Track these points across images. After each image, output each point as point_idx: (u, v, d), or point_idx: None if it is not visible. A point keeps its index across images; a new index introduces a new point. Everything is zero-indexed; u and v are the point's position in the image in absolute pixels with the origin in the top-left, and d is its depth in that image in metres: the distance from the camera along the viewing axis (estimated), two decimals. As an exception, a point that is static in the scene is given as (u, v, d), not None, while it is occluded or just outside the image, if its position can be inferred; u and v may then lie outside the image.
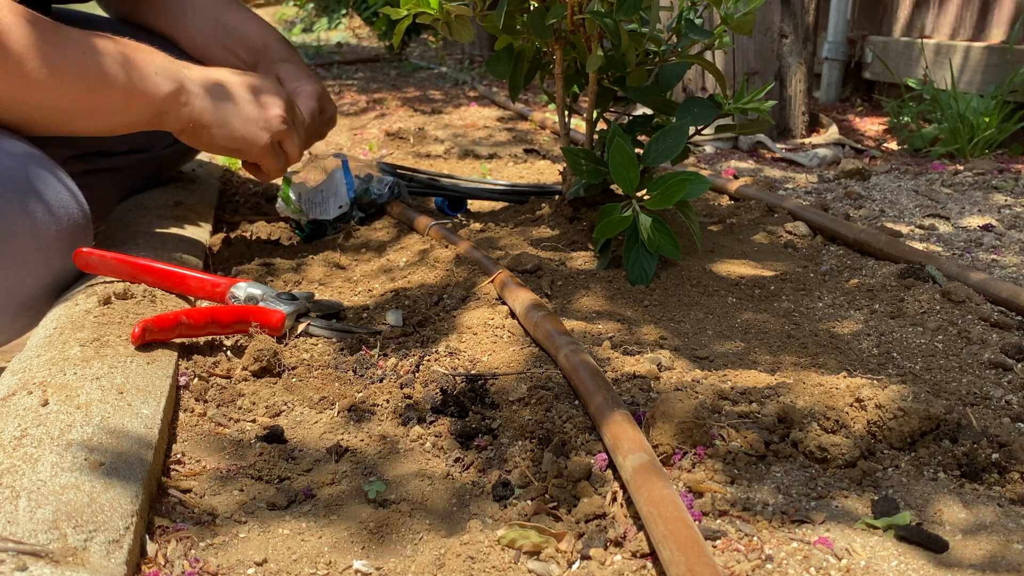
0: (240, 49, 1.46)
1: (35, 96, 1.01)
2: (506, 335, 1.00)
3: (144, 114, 1.11)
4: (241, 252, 1.36)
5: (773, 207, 1.53)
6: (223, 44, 1.47)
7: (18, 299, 0.99)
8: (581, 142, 1.41)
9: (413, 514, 0.71)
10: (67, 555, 0.56)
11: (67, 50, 1.02)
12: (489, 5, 1.21)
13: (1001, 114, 2.19)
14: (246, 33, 1.46)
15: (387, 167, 1.66)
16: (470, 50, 5.07)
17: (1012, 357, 0.97)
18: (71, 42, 1.03)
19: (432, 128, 2.54)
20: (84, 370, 0.79)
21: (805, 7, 2.34)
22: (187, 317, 0.91)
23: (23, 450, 0.66)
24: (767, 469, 0.75)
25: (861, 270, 1.26)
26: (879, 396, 0.80)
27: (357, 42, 6.09)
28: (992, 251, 1.41)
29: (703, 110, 1.26)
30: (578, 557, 0.65)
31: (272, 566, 0.65)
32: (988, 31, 2.49)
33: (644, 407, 0.83)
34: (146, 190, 1.49)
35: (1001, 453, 0.76)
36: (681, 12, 1.28)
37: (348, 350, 0.99)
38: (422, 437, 0.82)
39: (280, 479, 0.76)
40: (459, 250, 1.24)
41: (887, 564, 0.63)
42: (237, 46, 1.46)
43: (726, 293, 1.16)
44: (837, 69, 2.99)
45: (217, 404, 0.88)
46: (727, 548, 0.64)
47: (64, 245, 1.01)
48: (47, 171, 1.02)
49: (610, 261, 1.21)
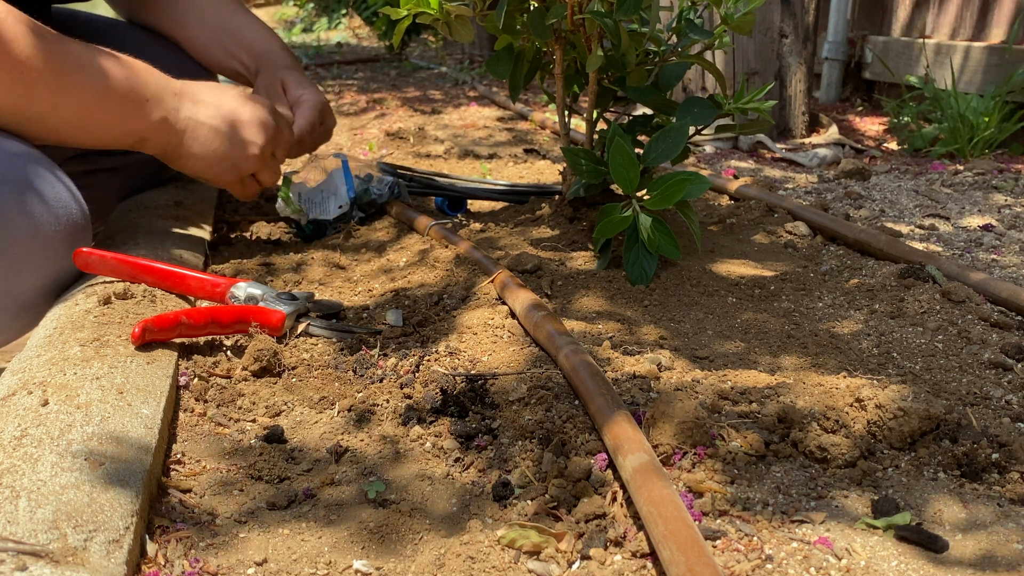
0: (243, 54, 1.46)
1: (32, 108, 1.01)
2: (506, 335, 1.00)
3: (129, 139, 1.13)
4: (241, 252, 1.36)
5: (773, 207, 1.53)
6: (225, 48, 1.47)
7: (17, 300, 0.99)
8: (581, 142, 1.42)
9: (413, 514, 0.71)
10: (67, 555, 0.56)
11: (70, 66, 1.02)
12: (489, 5, 1.21)
13: (1001, 114, 2.19)
14: (250, 39, 1.47)
15: (387, 167, 1.66)
16: (470, 50, 5.07)
17: (1012, 357, 0.97)
18: (74, 57, 1.03)
19: (432, 128, 2.54)
20: (84, 370, 0.79)
21: (805, 7, 2.34)
22: (187, 317, 0.91)
23: (23, 450, 0.66)
24: (767, 469, 0.75)
25: (861, 270, 1.26)
26: (879, 396, 0.80)
27: (357, 42, 6.09)
28: (992, 251, 1.41)
29: (703, 110, 1.26)
30: (578, 557, 0.65)
31: (272, 566, 0.65)
32: (988, 31, 2.49)
33: (644, 407, 0.83)
34: (146, 190, 1.49)
35: (1001, 453, 0.76)
36: (681, 12, 1.28)
37: (348, 350, 0.99)
38: (422, 437, 0.82)
39: (280, 479, 0.76)
40: (459, 250, 1.24)
41: (887, 564, 0.63)
42: (240, 51, 1.46)
43: (726, 293, 1.17)
44: (837, 69, 2.99)
45: (217, 404, 0.88)
46: (727, 548, 0.64)
47: (63, 245, 1.01)
48: (46, 171, 1.02)
49: (610, 261, 1.22)
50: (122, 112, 1.09)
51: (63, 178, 1.05)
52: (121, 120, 1.09)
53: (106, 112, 1.07)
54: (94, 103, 1.05)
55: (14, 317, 1.00)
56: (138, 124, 1.11)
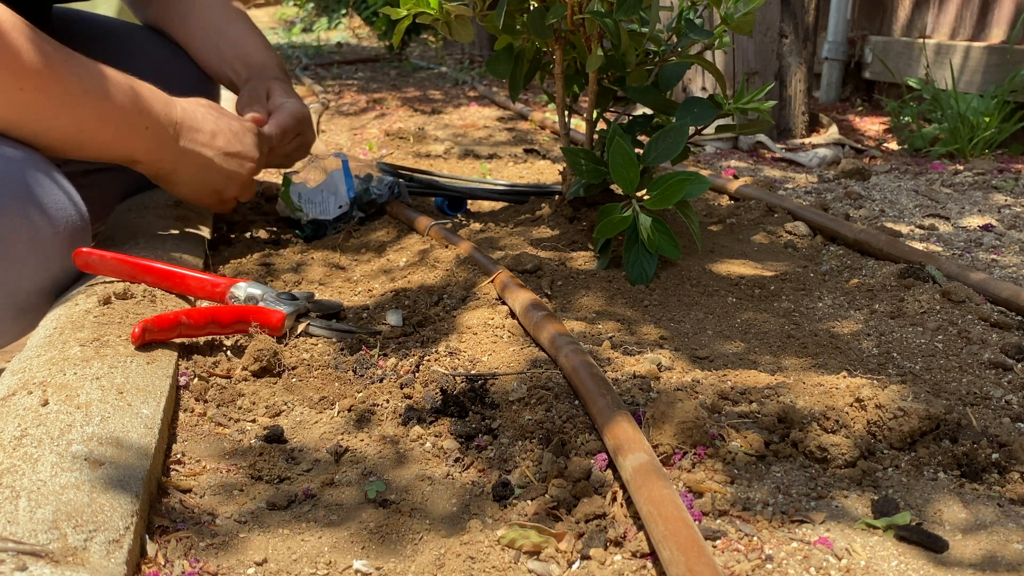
0: (237, 63, 1.48)
1: (29, 125, 1.02)
2: (506, 335, 1.00)
3: (123, 159, 1.15)
4: (241, 252, 1.36)
5: (773, 207, 1.53)
6: (221, 55, 1.48)
7: (16, 302, 0.99)
8: (581, 142, 1.42)
9: (413, 514, 0.71)
10: (67, 555, 0.56)
11: (72, 85, 1.02)
12: (489, 5, 1.21)
13: (1001, 114, 2.19)
14: (246, 50, 1.49)
15: (387, 167, 1.66)
16: (470, 50, 5.07)
17: (1012, 357, 0.97)
18: (75, 77, 1.03)
19: (432, 128, 2.54)
20: (84, 370, 0.79)
21: (805, 7, 2.34)
22: (187, 317, 0.91)
23: (23, 450, 0.66)
24: (767, 469, 0.75)
25: (861, 270, 1.26)
26: (879, 396, 0.80)
27: (357, 42, 6.09)
28: (992, 251, 1.41)
29: (703, 110, 1.26)
30: (578, 557, 0.65)
31: (272, 566, 0.65)
32: (988, 31, 2.49)
33: (644, 407, 0.83)
34: (146, 190, 1.49)
35: (1001, 453, 0.76)
36: (681, 12, 1.28)
37: (348, 350, 0.99)
38: (422, 437, 0.82)
39: (280, 479, 0.76)
40: (459, 250, 1.24)
41: (887, 564, 0.63)
42: (235, 60, 1.48)
43: (726, 293, 1.17)
44: (837, 69, 2.99)
45: (217, 404, 0.88)
46: (727, 548, 0.64)
47: (62, 248, 1.01)
48: (44, 174, 1.02)
49: (610, 261, 1.21)
50: (117, 135, 1.10)
51: (61, 181, 1.05)
52: (115, 141, 1.11)
53: (103, 134, 1.08)
54: (92, 124, 1.06)
55: (13, 320, 1.00)
56: (135, 147, 1.13)
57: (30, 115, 1.00)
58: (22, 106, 0.99)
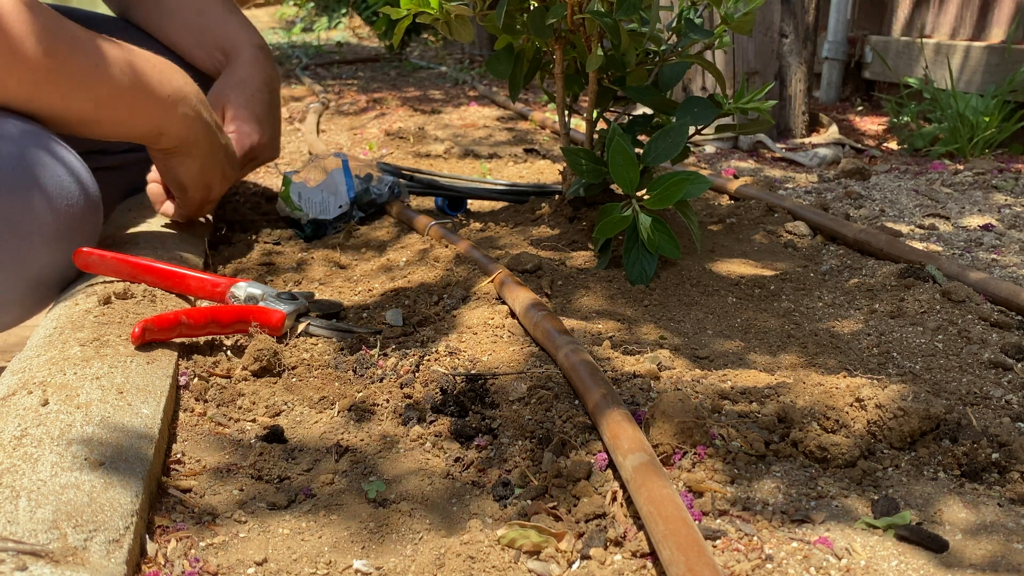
0: (216, 50, 1.48)
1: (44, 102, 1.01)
2: (506, 335, 1.00)
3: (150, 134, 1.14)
4: (241, 252, 1.36)
5: (773, 207, 1.53)
6: (199, 42, 1.48)
7: (25, 280, 0.98)
8: (581, 142, 1.42)
9: (413, 514, 0.71)
10: (67, 555, 0.56)
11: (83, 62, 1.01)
12: (489, 5, 1.21)
13: (1001, 114, 2.19)
14: (220, 36, 1.48)
15: (387, 167, 1.66)
16: (470, 50, 5.07)
17: (1012, 357, 0.97)
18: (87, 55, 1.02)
19: (432, 128, 2.54)
20: (84, 370, 0.79)
21: (805, 7, 2.34)
22: (187, 317, 0.91)
23: (23, 450, 0.66)
24: (767, 469, 0.75)
25: (861, 270, 1.26)
26: (879, 396, 0.80)
27: (357, 42, 6.09)
28: (992, 251, 1.41)
29: (703, 110, 1.26)
30: (578, 557, 0.65)
31: (272, 566, 0.65)
32: (988, 31, 2.49)
33: (644, 407, 0.83)
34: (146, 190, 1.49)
35: (1001, 453, 0.76)
36: (681, 12, 1.28)
37: (348, 350, 0.99)
38: (422, 437, 0.82)
39: (280, 478, 0.76)
40: (459, 249, 1.24)
41: (887, 564, 0.63)
42: (213, 47, 1.48)
43: (726, 293, 1.17)
44: (837, 69, 2.99)
45: (217, 404, 0.88)
46: (727, 548, 0.64)
47: (69, 228, 1.00)
48: (46, 152, 0.99)
49: (610, 261, 1.22)
50: (139, 107, 1.09)
51: (66, 156, 1.03)
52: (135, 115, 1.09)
53: (121, 109, 1.07)
54: (107, 101, 1.05)
55: (21, 299, 1.00)
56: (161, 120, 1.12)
57: (40, 96, 1.00)
58: (32, 86, 0.98)
